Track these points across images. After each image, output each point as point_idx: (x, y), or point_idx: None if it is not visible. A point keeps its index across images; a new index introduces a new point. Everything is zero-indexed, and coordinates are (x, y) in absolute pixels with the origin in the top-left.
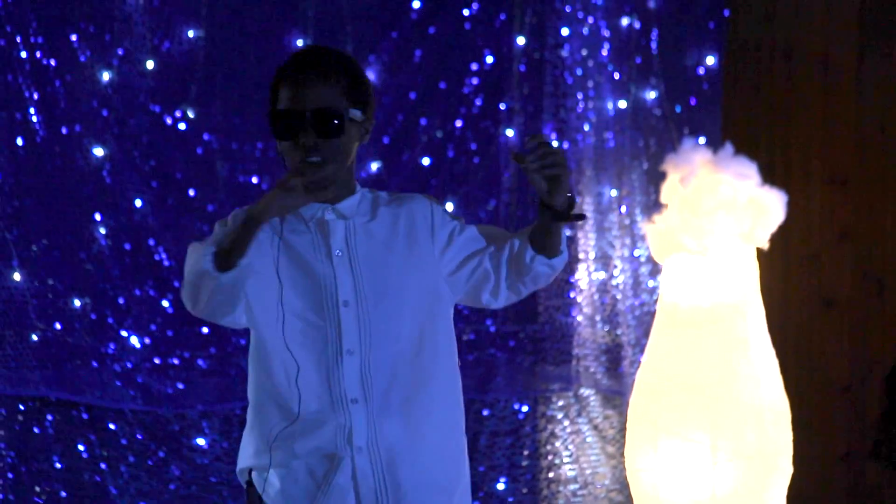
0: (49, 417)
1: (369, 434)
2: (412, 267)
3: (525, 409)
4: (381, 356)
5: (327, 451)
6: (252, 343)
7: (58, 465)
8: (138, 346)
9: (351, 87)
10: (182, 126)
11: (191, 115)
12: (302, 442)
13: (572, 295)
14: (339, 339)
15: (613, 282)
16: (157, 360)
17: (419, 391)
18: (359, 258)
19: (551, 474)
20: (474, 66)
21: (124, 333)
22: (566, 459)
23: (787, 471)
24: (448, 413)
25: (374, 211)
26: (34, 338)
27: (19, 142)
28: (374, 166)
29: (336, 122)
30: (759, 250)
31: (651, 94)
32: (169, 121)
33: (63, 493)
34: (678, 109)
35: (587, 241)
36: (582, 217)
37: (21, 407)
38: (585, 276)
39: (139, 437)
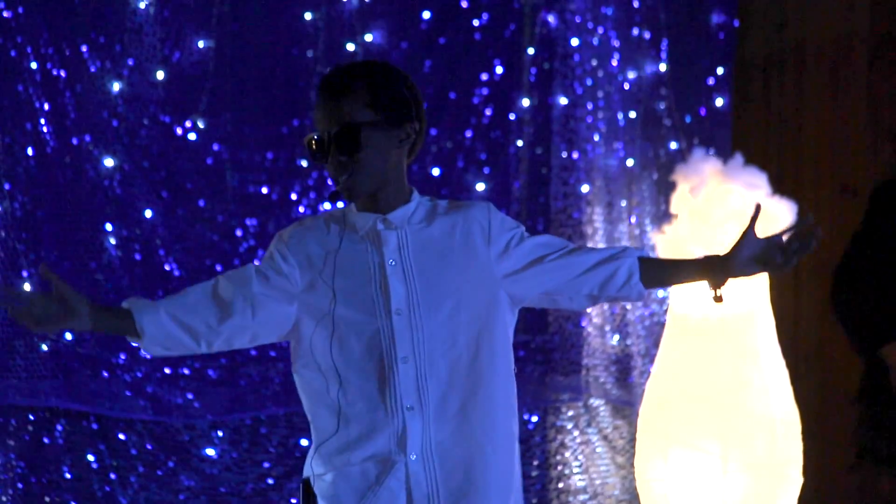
0: (59, 428)
1: (424, 441)
2: (468, 274)
3: (535, 419)
4: (437, 363)
5: (381, 458)
6: (302, 358)
7: (67, 476)
8: (148, 356)
9: (373, 97)
10: (192, 136)
11: (201, 125)
12: (358, 452)
13: None
14: (393, 347)
15: None
16: (167, 371)
17: (475, 397)
18: (412, 267)
19: (561, 484)
20: (484, 77)
21: (134, 344)
22: (576, 470)
23: (797, 481)
24: (502, 420)
25: (430, 218)
26: (44, 348)
27: (29, 152)
28: None
29: (351, 137)
30: None
31: (661, 105)
32: (179, 131)
33: None
34: (688, 120)
35: None
36: (720, 300)
37: (31, 417)
38: None
39: (149, 447)
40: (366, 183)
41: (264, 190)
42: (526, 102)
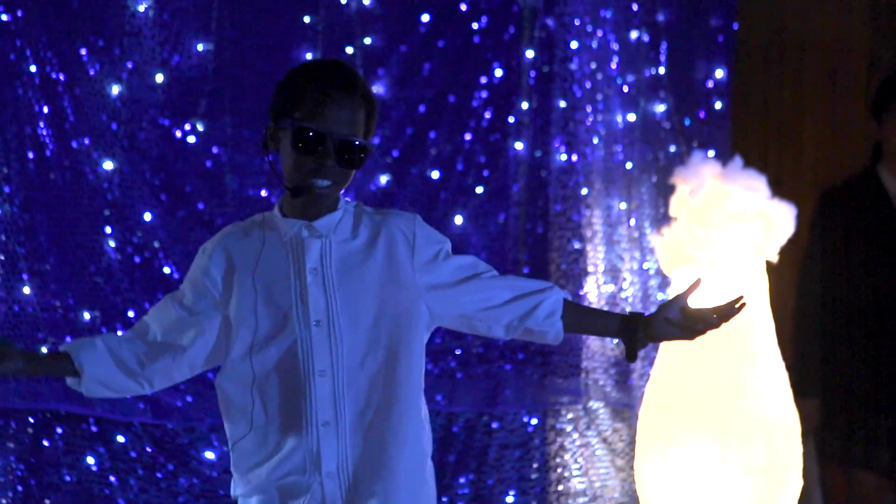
0: (58, 430)
1: (339, 457)
2: (390, 285)
3: (534, 421)
4: (354, 377)
5: (296, 475)
6: (224, 369)
7: (67, 478)
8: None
9: (369, 116)
10: (191, 139)
11: (200, 128)
12: (275, 471)
13: None
14: (310, 359)
15: (622, 295)
16: None
17: (389, 413)
18: (333, 277)
19: (560, 487)
20: (483, 80)
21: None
22: (575, 472)
23: (796, 483)
24: (417, 435)
25: (355, 228)
26: (44, 350)
27: (29, 155)
28: (384, 179)
29: (359, 155)
30: (768, 263)
31: (660, 108)
32: (178, 134)
33: None
34: (687, 122)
35: (596, 255)
36: (633, 359)
37: (31, 420)
38: (595, 289)
39: (148, 450)
40: (335, 196)
41: (263, 193)
42: (525, 105)
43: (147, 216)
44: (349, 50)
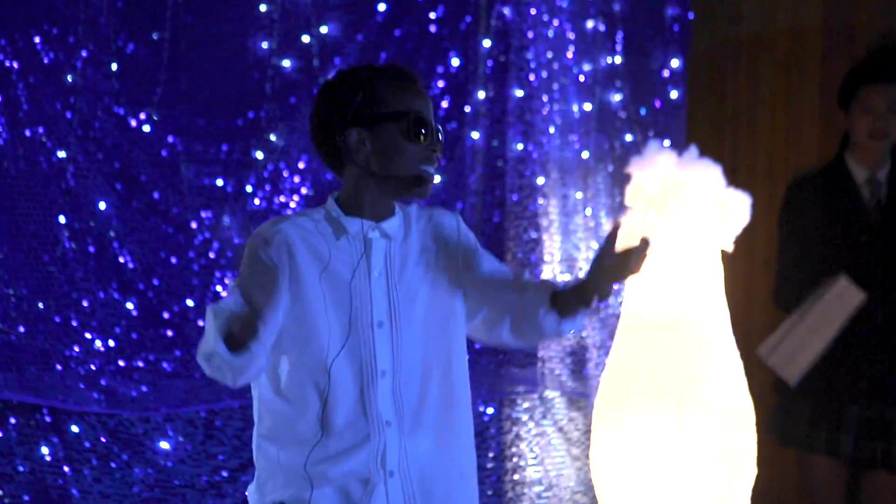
0: (12, 421)
1: (400, 457)
2: (441, 286)
3: (490, 411)
4: (412, 377)
5: (361, 476)
6: (270, 372)
7: (20, 469)
8: (102, 348)
9: None
10: (146, 128)
11: (155, 117)
12: (336, 468)
13: None
14: (373, 360)
15: None
16: (121, 363)
17: (447, 411)
18: (395, 278)
19: (516, 476)
20: (440, 69)
21: (88, 336)
22: (531, 461)
23: (751, 471)
24: (469, 431)
25: (407, 228)
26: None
27: None
28: None
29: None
30: (723, 253)
31: (616, 97)
32: (133, 123)
33: (26, 497)
34: (643, 112)
35: (552, 244)
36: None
37: None
38: (551, 278)
39: (103, 440)
40: None
41: (219, 182)
42: (482, 95)
43: (102, 205)
44: (305, 38)
